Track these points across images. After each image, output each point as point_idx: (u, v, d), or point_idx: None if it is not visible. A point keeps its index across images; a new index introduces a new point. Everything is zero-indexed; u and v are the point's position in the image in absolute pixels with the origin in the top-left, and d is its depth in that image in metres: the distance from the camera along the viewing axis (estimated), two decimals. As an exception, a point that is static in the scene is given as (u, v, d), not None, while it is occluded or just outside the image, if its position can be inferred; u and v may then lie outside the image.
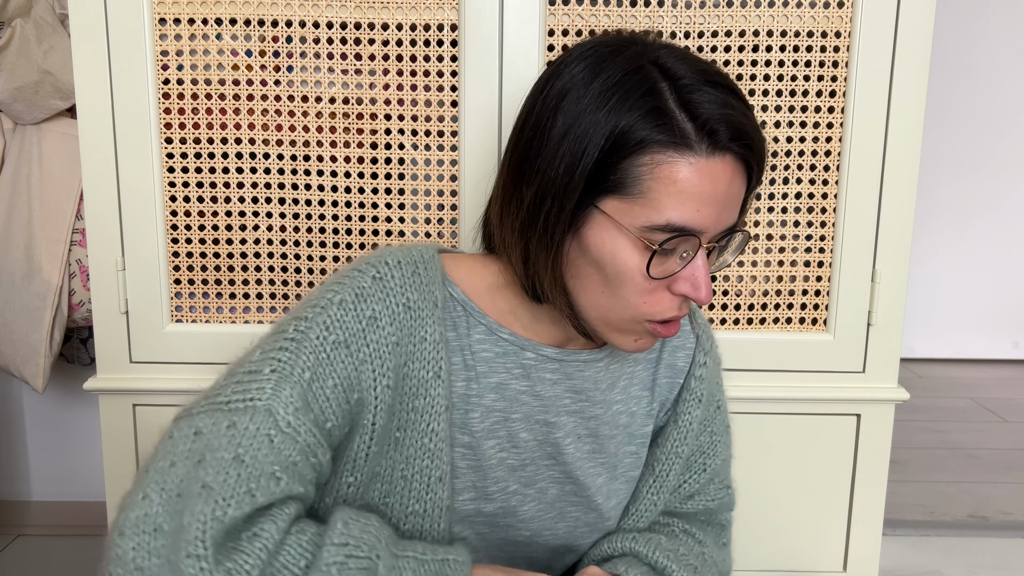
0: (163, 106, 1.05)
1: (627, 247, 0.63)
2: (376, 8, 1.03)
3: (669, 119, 0.61)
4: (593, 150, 0.62)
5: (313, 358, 0.64)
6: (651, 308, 0.66)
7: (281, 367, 0.63)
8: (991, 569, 1.66)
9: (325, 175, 1.07)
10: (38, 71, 1.35)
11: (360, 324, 0.66)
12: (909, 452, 2.25)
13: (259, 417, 0.60)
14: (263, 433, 0.60)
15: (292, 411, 0.61)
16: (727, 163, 0.63)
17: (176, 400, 1.11)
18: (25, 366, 1.45)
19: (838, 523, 1.16)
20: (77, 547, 1.68)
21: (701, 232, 0.63)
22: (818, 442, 1.14)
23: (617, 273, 0.64)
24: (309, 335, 0.64)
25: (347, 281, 0.67)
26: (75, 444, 1.73)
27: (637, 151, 0.61)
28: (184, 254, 1.09)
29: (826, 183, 1.08)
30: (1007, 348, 3.25)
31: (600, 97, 0.62)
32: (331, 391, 0.64)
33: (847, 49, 1.05)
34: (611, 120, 0.61)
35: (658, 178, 0.61)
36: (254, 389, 0.62)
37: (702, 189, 0.62)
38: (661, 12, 1.03)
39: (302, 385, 0.62)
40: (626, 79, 0.62)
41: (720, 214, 0.63)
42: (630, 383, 0.80)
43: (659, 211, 0.62)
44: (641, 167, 0.61)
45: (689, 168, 0.61)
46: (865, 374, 1.12)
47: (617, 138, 0.61)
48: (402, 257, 0.70)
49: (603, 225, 0.64)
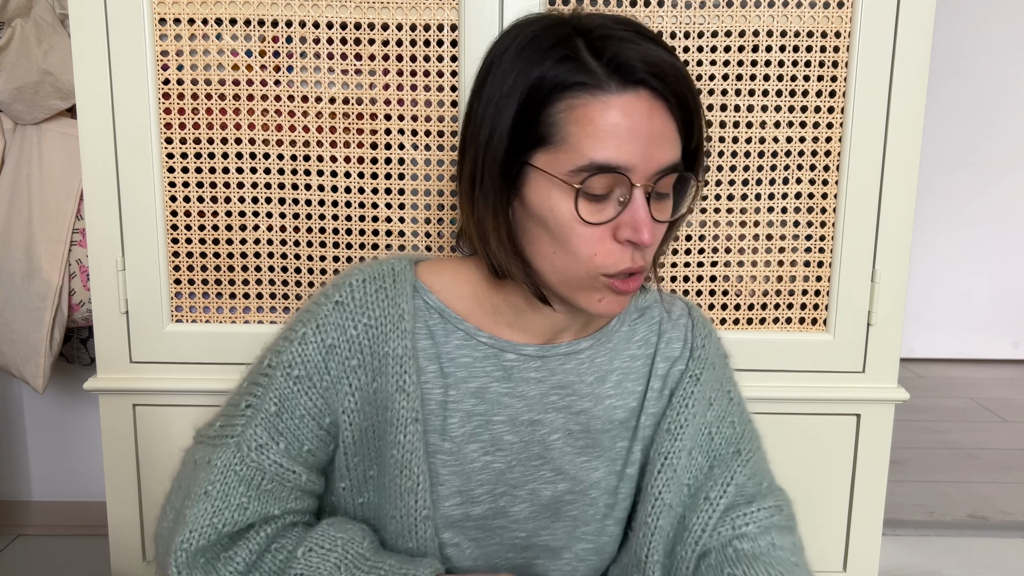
0: (163, 106, 1.05)
1: (561, 197, 0.64)
2: (376, 8, 1.03)
3: (578, 63, 0.63)
4: (512, 106, 0.64)
5: (279, 394, 0.71)
6: (602, 260, 0.65)
7: (254, 402, 0.71)
8: (991, 569, 1.66)
9: (325, 175, 1.07)
10: (38, 71, 1.35)
11: (320, 355, 0.71)
12: (909, 452, 2.25)
13: (228, 453, 0.70)
14: (230, 468, 0.69)
15: (256, 447, 0.70)
16: (641, 97, 0.63)
17: (176, 400, 1.11)
18: (25, 366, 1.45)
19: (838, 523, 1.16)
20: (77, 547, 1.68)
21: (628, 170, 0.63)
22: (818, 442, 1.14)
23: (559, 226, 0.65)
24: (276, 372, 0.71)
25: (314, 309, 0.73)
26: (75, 444, 1.73)
27: (552, 99, 0.63)
28: (184, 254, 1.09)
29: (826, 183, 1.08)
30: (1007, 348, 3.25)
31: (516, 58, 0.65)
32: (300, 420, 0.71)
33: (847, 49, 1.05)
34: (524, 75, 0.64)
35: (575, 121, 0.63)
36: (232, 425, 0.72)
37: (618, 125, 0.62)
38: (661, 12, 1.03)
39: (269, 419, 0.71)
40: (539, 37, 0.65)
41: (647, 150, 0.63)
42: (624, 378, 0.79)
43: (581, 153, 0.63)
44: (559, 114, 0.63)
45: (602, 106, 0.62)
46: (865, 374, 1.12)
47: (531, 90, 0.63)
48: (368, 274, 0.73)
49: (538, 180, 0.65)
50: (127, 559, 1.16)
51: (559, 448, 0.76)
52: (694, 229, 1.09)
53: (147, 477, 1.14)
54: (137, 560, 1.16)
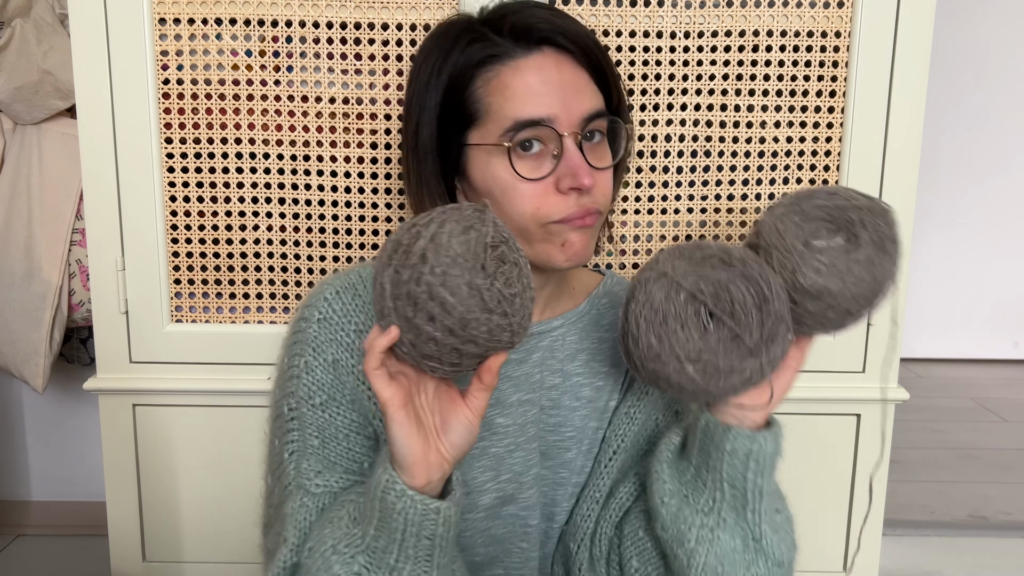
0: (163, 106, 1.05)
1: (499, 164, 0.68)
2: (376, 8, 1.03)
3: (484, 42, 0.68)
4: (435, 97, 0.69)
5: (314, 427, 0.70)
6: (547, 210, 0.68)
7: (295, 447, 0.70)
8: (991, 569, 1.66)
9: (325, 175, 1.07)
10: (38, 71, 1.35)
11: (330, 374, 0.71)
12: (909, 452, 2.25)
13: (292, 498, 0.69)
14: (300, 507, 0.68)
15: (314, 475, 0.69)
16: (547, 55, 0.68)
17: (176, 400, 1.11)
18: (25, 366, 1.45)
19: (838, 523, 1.16)
20: (77, 547, 1.68)
21: (551, 120, 0.66)
22: (818, 442, 1.14)
23: (502, 190, 0.68)
24: (302, 409, 0.71)
25: (301, 336, 0.72)
26: (75, 444, 1.72)
27: (470, 79, 0.68)
28: (184, 254, 1.09)
29: (826, 183, 1.08)
30: (1007, 348, 3.25)
31: (430, 54, 0.70)
32: (346, 440, 0.71)
33: (847, 49, 1.05)
34: (439, 67, 0.69)
35: (492, 92, 0.68)
36: (283, 479, 0.71)
37: (530, 83, 0.67)
38: (661, 12, 1.03)
39: (317, 453, 0.70)
40: (445, 32, 0.71)
41: (564, 100, 0.67)
42: (592, 358, 0.81)
43: (505, 116, 0.67)
44: (479, 90, 0.68)
45: (512, 71, 0.67)
46: (865, 374, 1.12)
47: (449, 80, 0.69)
48: (339, 285, 0.74)
49: (477, 156, 0.69)
50: (127, 559, 1.16)
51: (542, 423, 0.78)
52: (694, 229, 1.09)
53: (147, 477, 1.14)
54: (137, 560, 1.16)
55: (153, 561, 1.16)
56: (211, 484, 1.14)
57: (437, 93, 0.69)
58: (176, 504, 1.14)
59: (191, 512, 1.15)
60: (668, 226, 1.09)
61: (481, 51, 0.68)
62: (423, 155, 0.71)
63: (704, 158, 1.07)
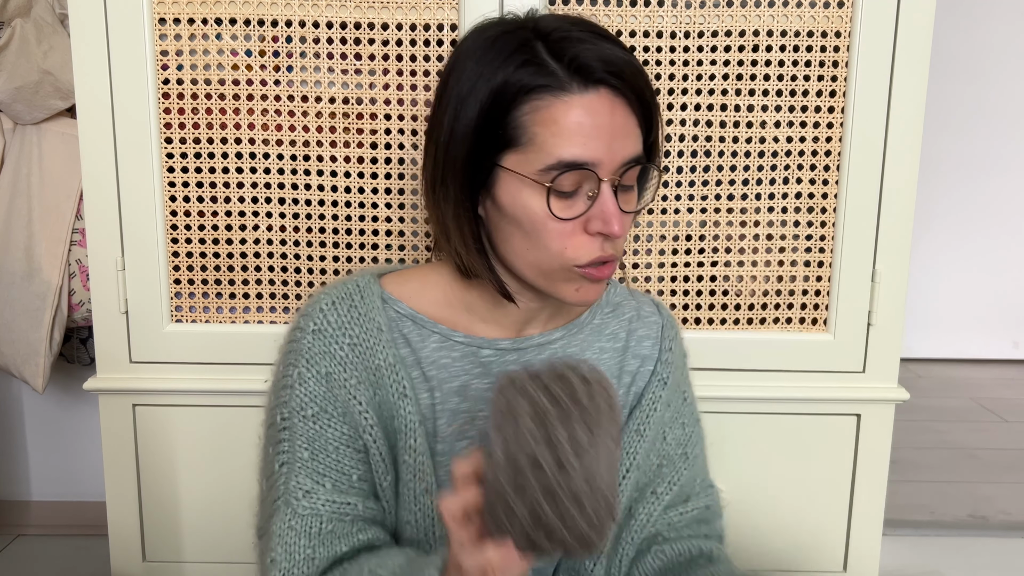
0: (163, 106, 1.05)
1: (532, 195, 0.66)
2: (376, 8, 1.03)
3: (540, 66, 0.65)
4: (475, 109, 0.66)
5: (304, 438, 0.71)
6: (573, 253, 0.67)
7: (286, 458, 0.71)
8: (991, 569, 1.66)
9: (325, 175, 1.07)
10: (38, 71, 1.35)
11: (322, 386, 0.72)
12: (909, 452, 2.25)
13: (280, 514, 0.70)
14: (286, 527, 0.69)
15: (303, 495, 0.70)
16: (602, 96, 0.66)
17: (176, 400, 1.11)
18: (25, 366, 1.45)
19: (838, 523, 1.16)
20: (77, 547, 1.68)
21: (595, 165, 0.65)
22: (818, 442, 1.14)
23: (532, 223, 0.67)
24: (293, 420, 0.71)
25: (296, 346, 0.73)
26: (75, 444, 1.72)
27: (517, 103, 0.65)
28: (184, 254, 1.09)
29: (826, 183, 1.08)
30: (1007, 348, 3.25)
31: (477, 63, 0.66)
32: (336, 453, 0.72)
33: (847, 49, 1.05)
34: (487, 80, 0.65)
35: (540, 122, 0.65)
36: (273, 490, 0.71)
37: (582, 123, 0.65)
38: (661, 12, 1.03)
39: (306, 465, 0.70)
40: (499, 41, 0.67)
41: (611, 145, 0.65)
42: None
43: (549, 152, 0.65)
44: (524, 116, 0.65)
45: (565, 107, 0.64)
46: (865, 374, 1.12)
47: (495, 95, 0.65)
48: (335, 296, 0.74)
49: (509, 181, 0.67)
50: (127, 559, 1.16)
51: None
52: (694, 229, 1.09)
53: (147, 477, 1.14)
54: (137, 560, 1.16)
55: (153, 561, 1.16)
56: (211, 484, 1.14)
57: (479, 103, 0.66)
58: (176, 504, 1.14)
59: (191, 512, 1.15)
60: (668, 226, 1.09)
61: (535, 78, 0.65)
62: (451, 161, 0.68)
63: (704, 158, 1.07)
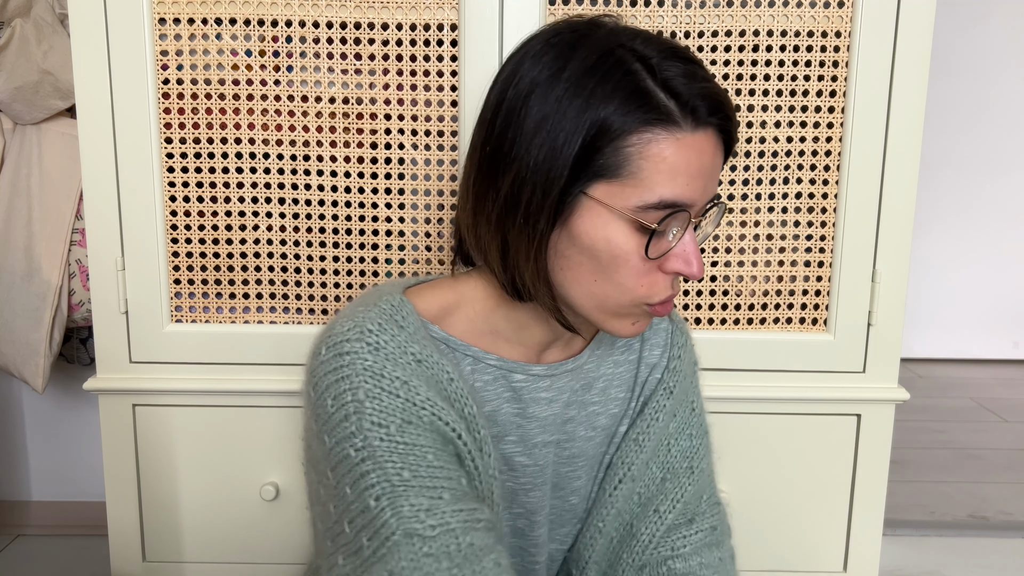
0: (163, 106, 1.05)
1: (620, 230, 0.62)
2: (376, 8, 1.03)
3: (651, 98, 0.60)
4: (576, 138, 0.60)
5: (396, 456, 0.59)
6: (648, 290, 0.65)
7: (379, 491, 0.58)
8: (991, 569, 1.66)
9: (325, 175, 1.07)
10: (38, 71, 1.35)
11: (399, 398, 0.62)
12: (909, 452, 2.25)
13: (402, 549, 0.56)
14: (420, 556, 0.55)
15: (424, 514, 0.57)
16: (709, 136, 0.63)
17: (176, 400, 1.11)
18: (25, 366, 1.45)
19: (838, 523, 1.16)
20: (77, 547, 1.68)
21: (691, 206, 0.63)
22: (818, 442, 1.14)
23: (612, 258, 0.63)
24: (373, 444, 0.59)
25: (349, 371, 0.62)
26: (75, 444, 1.73)
27: (623, 133, 0.60)
28: (184, 254, 1.09)
29: (826, 183, 1.08)
30: (1007, 348, 3.25)
31: (576, 84, 0.60)
32: (436, 460, 0.61)
33: (847, 49, 1.05)
34: (591, 107, 0.60)
35: (647, 156, 0.60)
36: (377, 532, 0.57)
37: (689, 163, 0.61)
38: (661, 12, 1.03)
39: (411, 486, 0.58)
40: (599, 64, 0.61)
41: (705, 187, 0.63)
42: (609, 384, 0.79)
43: (651, 189, 0.61)
44: (629, 148, 0.60)
45: (676, 144, 0.61)
46: (865, 374, 1.12)
47: (601, 124, 0.60)
48: (379, 318, 0.65)
49: (593, 211, 0.62)
50: (127, 559, 1.16)
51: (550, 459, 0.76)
52: (694, 229, 1.09)
53: (147, 477, 1.14)
54: (137, 560, 1.16)
55: (153, 561, 1.16)
56: (211, 484, 1.14)
57: (582, 134, 0.60)
58: (176, 504, 1.14)
59: (191, 512, 1.15)
60: (668, 226, 1.09)
61: (647, 111, 0.60)
62: (535, 187, 0.62)
63: (704, 158, 1.07)
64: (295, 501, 1.14)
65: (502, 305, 0.72)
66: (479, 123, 0.67)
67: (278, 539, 1.15)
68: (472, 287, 0.73)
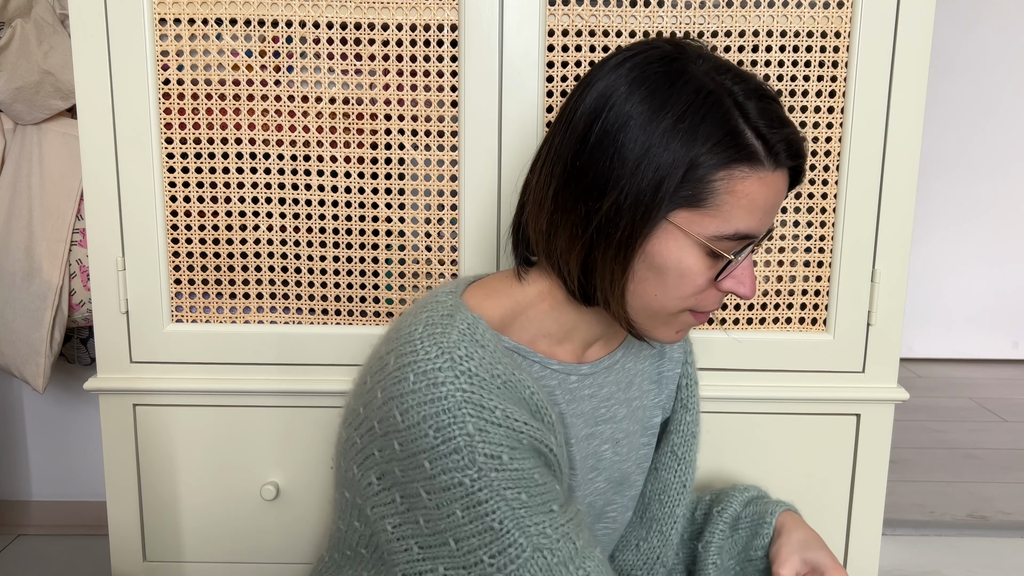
0: (163, 106, 1.05)
1: (693, 254, 0.68)
2: (376, 8, 1.03)
3: (742, 139, 0.66)
4: (677, 171, 0.65)
5: (511, 483, 0.63)
6: (701, 303, 0.71)
7: (504, 514, 0.63)
8: (991, 569, 1.66)
9: (325, 175, 1.07)
10: (38, 71, 1.35)
11: (501, 428, 0.64)
12: (909, 452, 2.25)
13: (537, 562, 0.63)
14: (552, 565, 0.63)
15: (550, 528, 0.64)
16: (784, 176, 0.69)
17: (176, 400, 1.11)
18: (25, 366, 1.45)
19: (838, 523, 1.16)
20: (77, 547, 1.68)
21: (756, 237, 0.69)
22: (818, 442, 1.14)
23: (680, 277, 0.68)
24: (490, 476, 0.63)
25: (447, 404, 0.63)
26: (75, 444, 1.73)
27: (714, 168, 0.65)
28: (184, 254, 1.09)
29: (826, 183, 1.08)
30: (1007, 348, 3.25)
31: (678, 119, 0.65)
32: (543, 478, 0.66)
33: (847, 49, 1.05)
34: (691, 143, 0.65)
35: (733, 192, 0.66)
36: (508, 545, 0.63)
37: (766, 200, 0.68)
38: (661, 12, 1.03)
39: (528, 505, 0.64)
40: (699, 103, 0.65)
41: (771, 219, 0.70)
42: (642, 379, 0.85)
43: (729, 222, 0.67)
44: (716, 182, 0.66)
45: (760, 183, 0.67)
46: (865, 374, 1.12)
47: (695, 160, 0.65)
48: (463, 342, 0.66)
49: (672, 235, 0.67)
50: (127, 559, 1.16)
51: (609, 458, 0.81)
52: (694, 229, 1.10)
53: (147, 477, 1.14)
54: (137, 560, 1.16)
55: (153, 561, 1.16)
56: (211, 484, 1.14)
57: (681, 170, 0.65)
58: (176, 504, 1.15)
59: (191, 512, 1.15)
60: (668, 226, 1.09)
61: (740, 152, 0.66)
62: (638, 215, 0.66)
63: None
64: (295, 501, 1.14)
65: (556, 308, 0.75)
66: (567, 134, 0.69)
67: (278, 539, 1.15)
68: (532, 291, 0.75)
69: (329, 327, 1.10)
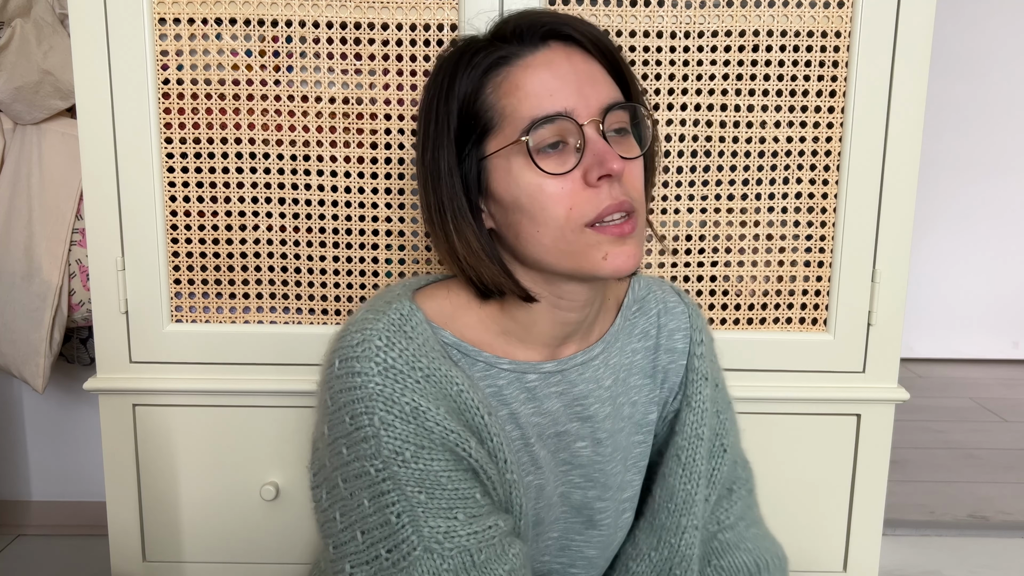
0: (163, 106, 1.05)
1: (521, 167, 0.65)
2: (376, 8, 1.03)
3: (488, 48, 0.67)
4: (449, 114, 0.67)
5: (412, 481, 0.64)
6: (580, 210, 0.65)
7: (399, 509, 0.63)
8: (991, 569, 1.66)
9: (325, 175, 1.07)
10: (38, 71, 1.35)
11: (411, 425, 0.64)
12: (909, 452, 2.25)
13: (423, 564, 0.63)
14: (440, 570, 0.63)
15: (443, 535, 0.63)
16: (556, 50, 0.67)
17: (176, 400, 1.11)
18: (25, 366, 1.45)
19: (838, 523, 1.16)
20: (77, 547, 1.68)
21: (570, 112, 0.64)
22: (818, 442, 1.14)
23: (531, 197, 0.65)
24: (392, 468, 0.63)
25: (362, 394, 0.64)
26: (75, 444, 1.73)
27: (480, 89, 0.66)
28: (184, 254, 1.09)
29: (826, 183, 1.08)
30: (1007, 348, 3.25)
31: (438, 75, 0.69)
32: (450, 483, 0.65)
33: (847, 49, 1.05)
34: (450, 83, 0.67)
35: (504, 94, 0.66)
36: (398, 547, 0.63)
37: (543, 78, 0.65)
38: (661, 12, 1.03)
39: (429, 507, 0.64)
40: (451, 52, 0.70)
41: (581, 91, 0.65)
42: (629, 373, 0.80)
43: (521, 116, 0.65)
44: (489, 97, 0.66)
45: (523, 70, 0.66)
46: (865, 374, 1.12)
47: (461, 93, 0.67)
48: (385, 329, 0.66)
49: (498, 166, 0.67)
50: (127, 559, 1.16)
51: (587, 456, 0.77)
52: (694, 229, 1.09)
53: (147, 477, 1.14)
54: (137, 560, 1.16)
55: (153, 561, 1.16)
56: (211, 484, 1.14)
57: (451, 112, 0.67)
58: (176, 504, 1.14)
59: (191, 512, 1.15)
60: (668, 226, 1.09)
61: (487, 57, 0.66)
62: (442, 179, 0.68)
63: (704, 158, 1.07)
64: (295, 501, 1.14)
65: (499, 307, 0.73)
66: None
67: (278, 539, 1.15)
68: (468, 293, 0.74)
69: (329, 327, 1.10)
